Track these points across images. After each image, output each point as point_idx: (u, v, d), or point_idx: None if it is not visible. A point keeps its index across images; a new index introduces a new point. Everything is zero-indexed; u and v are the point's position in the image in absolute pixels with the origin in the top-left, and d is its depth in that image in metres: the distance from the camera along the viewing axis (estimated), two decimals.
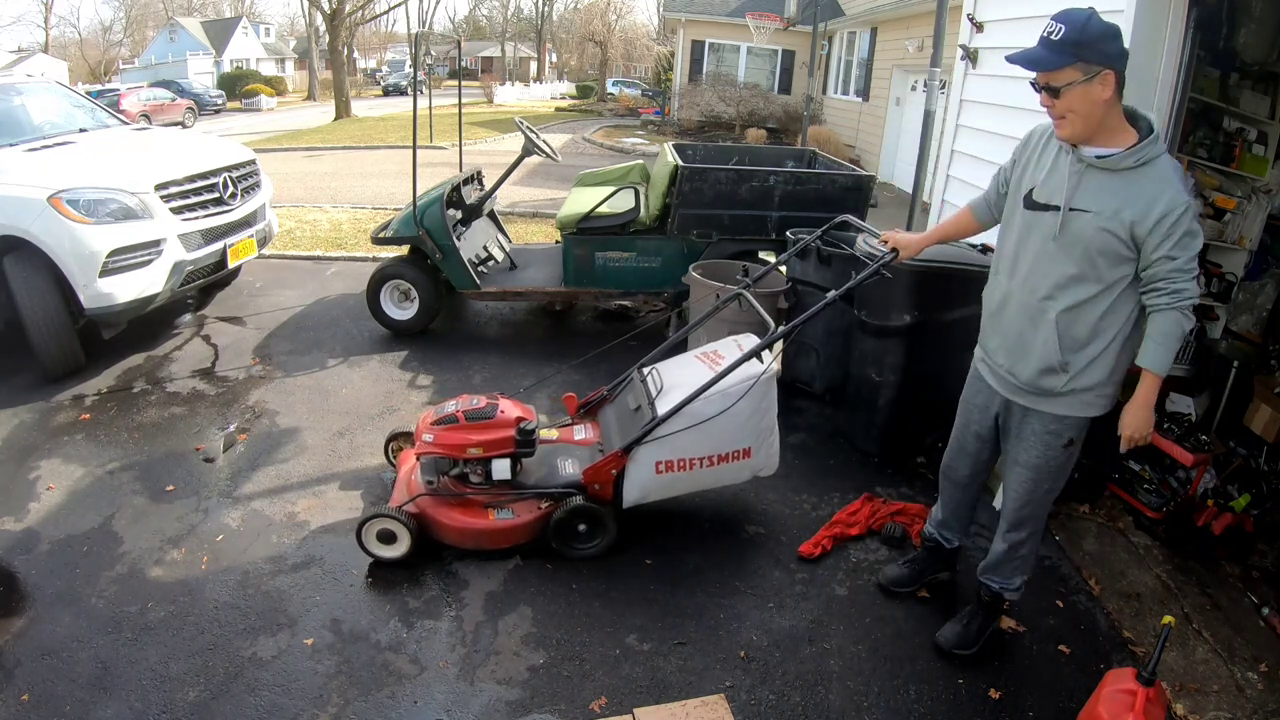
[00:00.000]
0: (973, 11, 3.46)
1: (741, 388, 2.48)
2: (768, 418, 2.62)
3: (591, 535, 2.60)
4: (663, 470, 2.56)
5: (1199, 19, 2.38)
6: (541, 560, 2.60)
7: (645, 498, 2.61)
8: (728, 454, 2.58)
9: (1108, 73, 1.71)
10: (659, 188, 4.37)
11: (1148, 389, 1.85)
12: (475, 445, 2.55)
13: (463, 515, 2.56)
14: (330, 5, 21.73)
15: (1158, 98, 2.45)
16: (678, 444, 2.52)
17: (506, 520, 2.56)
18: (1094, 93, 1.72)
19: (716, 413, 2.48)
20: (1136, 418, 1.86)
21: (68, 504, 2.84)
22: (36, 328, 3.63)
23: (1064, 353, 1.92)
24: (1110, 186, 1.79)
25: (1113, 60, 1.71)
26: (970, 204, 2.28)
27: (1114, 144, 1.80)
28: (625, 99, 26.98)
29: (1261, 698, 2.22)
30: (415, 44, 5.66)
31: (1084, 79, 1.71)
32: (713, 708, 2.04)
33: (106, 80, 35.60)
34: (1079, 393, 1.95)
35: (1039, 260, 1.92)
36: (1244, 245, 3.41)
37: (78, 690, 2.03)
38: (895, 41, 12.70)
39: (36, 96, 4.71)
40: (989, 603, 2.30)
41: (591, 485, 2.58)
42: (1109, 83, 1.72)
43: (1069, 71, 1.72)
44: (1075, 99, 1.74)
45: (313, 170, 11.28)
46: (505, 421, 2.58)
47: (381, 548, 2.54)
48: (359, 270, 5.65)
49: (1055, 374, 1.95)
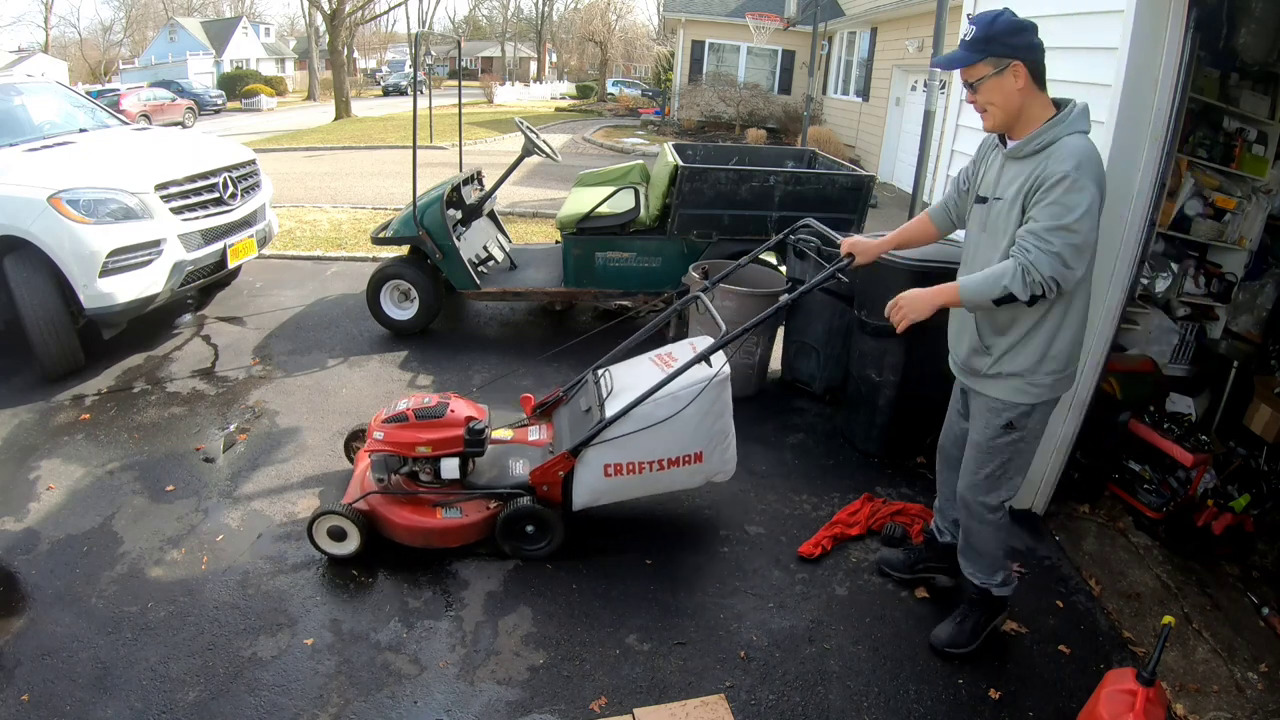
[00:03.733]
0: (973, 11, 3.46)
1: (691, 391, 2.43)
2: (720, 422, 2.55)
3: (539, 536, 2.58)
4: (612, 473, 2.51)
5: (1199, 19, 2.38)
6: (541, 560, 2.60)
7: (595, 501, 2.57)
8: (679, 458, 2.53)
9: (1017, 64, 1.83)
10: (659, 188, 4.37)
11: (941, 290, 1.95)
12: (424, 444, 2.54)
13: (412, 513, 2.56)
14: (330, 5, 21.72)
15: (1158, 98, 2.44)
16: (627, 447, 2.48)
17: (454, 519, 2.56)
18: (1006, 84, 1.85)
19: (666, 416, 2.43)
20: (913, 295, 1.98)
21: (68, 504, 2.84)
22: (36, 328, 3.63)
23: (984, 336, 2.06)
24: (1019, 172, 1.91)
25: (1019, 52, 1.83)
26: (929, 210, 2.38)
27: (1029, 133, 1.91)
28: (625, 99, 26.98)
29: (1261, 698, 2.22)
30: (415, 44, 5.66)
31: (995, 72, 1.85)
32: (713, 708, 2.04)
33: (106, 80, 35.62)
34: (1007, 377, 2.04)
35: (975, 249, 2.09)
36: (1244, 245, 3.41)
37: (78, 690, 2.03)
38: (895, 41, 12.69)
39: (36, 96, 4.71)
40: (976, 599, 2.31)
41: (540, 486, 2.57)
42: (1020, 73, 1.84)
43: (981, 67, 1.86)
44: (990, 91, 1.88)
45: (313, 170, 11.28)
46: (454, 421, 2.57)
47: (332, 544, 2.54)
48: (359, 270, 5.65)
49: (980, 355, 2.08)
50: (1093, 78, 2.58)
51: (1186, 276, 3.46)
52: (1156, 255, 3.37)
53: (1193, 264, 3.49)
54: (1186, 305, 3.49)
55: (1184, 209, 3.31)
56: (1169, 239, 3.37)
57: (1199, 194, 3.32)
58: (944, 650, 2.30)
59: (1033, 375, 2.01)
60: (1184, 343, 3.48)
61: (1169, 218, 3.26)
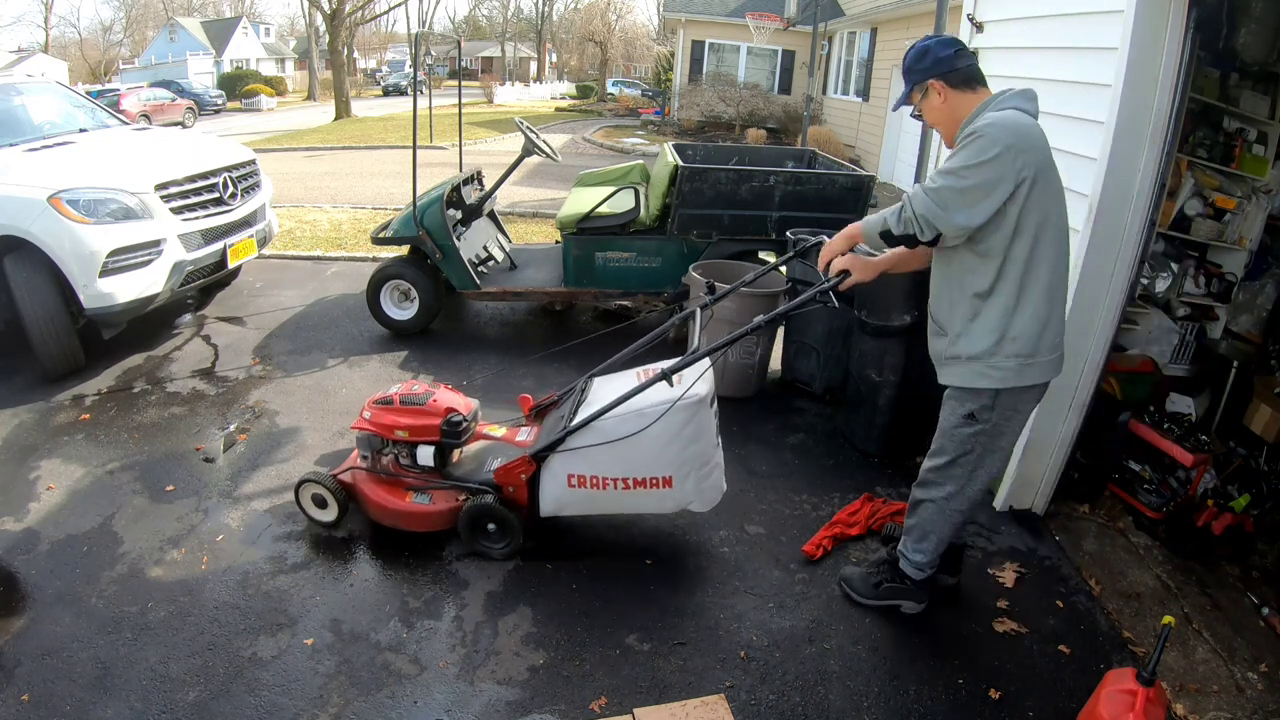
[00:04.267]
0: (973, 11, 3.46)
1: (655, 410, 2.32)
2: (694, 448, 2.39)
3: (500, 536, 2.58)
4: (575, 484, 2.47)
5: (1199, 19, 2.38)
6: (541, 560, 2.60)
7: (561, 509, 2.55)
8: (644, 479, 2.43)
9: (932, 82, 2.00)
10: (659, 188, 4.37)
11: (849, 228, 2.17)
12: (402, 428, 2.64)
13: (384, 493, 2.64)
14: (330, 5, 21.72)
15: (1158, 98, 2.44)
16: (588, 459, 2.42)
17: (422, 505, 2.61)
18: (932, 102, 2.03)
19: (629, 433, 2.35)
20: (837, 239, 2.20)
21: (68, 504, 2.84)
22: (36, 328, 3.63)
23: (937, 317, 2.16)
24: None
25: (929, 73, 2.00)
26: None
27: None
28: (625, 99, 26.97)
29: (1261, 698, 2.22)
30: (415, 44, 5.66)
31: (922, 97, 2.04)
32: (713, 708, 2.04)
33: (106, 80, 35.61)
34: (966, 360, 2.07)
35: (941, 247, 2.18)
36: (1244, 245, 3.41)
37: (78, 690, 2.03)
38: (895, 41, 12.69)
39: (36, 96, 4.71)
40: (892, 561, 2.44)
41: (506, 486, 2.57)
42: (937, 88, 2.00)
43: (914, 95, 2.05)
44: (929, 113, 2.07)
45: (313, 170, 11.28)
46: (434, 410, 2.65)
47: (315, 510, 2.71)
48: (359, 270, 5.65)
49: (938, 337, 2.17)
50: (1093, 78, 2.58)
51: (1186, 276, 3.46)
52: (1156, 255, 3.37)
53: (1193, 264, 3.49)
54: (1186, 305, 3.49)
55: (1184, 209, 3.31)
56: (1169, 239, 3.37)
57: (1199, 194, 3.32)
58: (842, 585, 2.53)
59: (992, 358, 2.00)
60: (1184, 343, 3.48)
61: (1169, 218, 3.26)
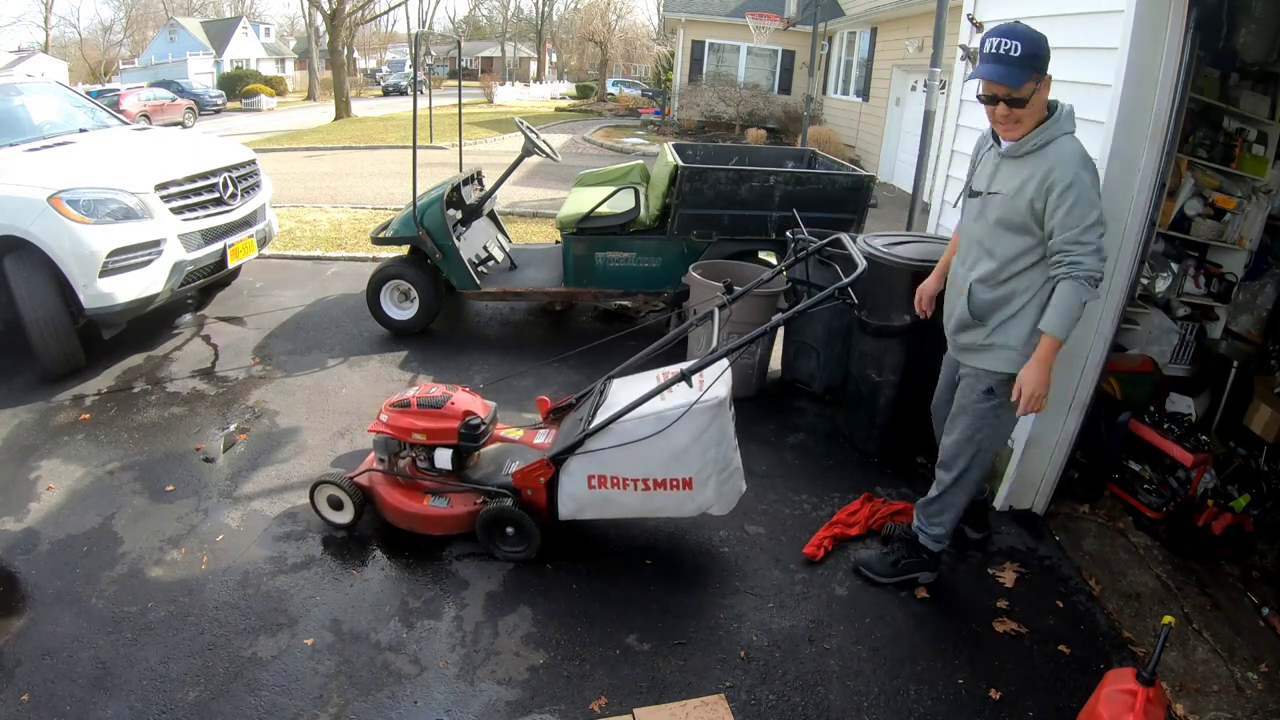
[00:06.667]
0: (973, 11, 3.46)
1: (675, 412, 2.33)
2: (714, 451, 2.40)
3: (518, 540, 2.57)
4: (595, 485, 2.46)
5: (1199, 19, 2.38)
6: (541, 560, 2.59)
7: (580, 512, 2.53)
8: (664, 481, 2.42)
9: (1049, 77, 2.00)
10: (659, 188, 4.37)
11: (1045, 349, 2.07)
12: (420, 431, 2.63)
13: (402, 496, 2.63)
14: (330, 5, 21.71)
15: (1158, 98, 2.44)
16: (608, 461, 2.42)
17: (440, 509, 2.60)
18: (1041, 95, 2.02)
19: (648, 434, 2.34)
20: (1031, 372, 2.08)
21: (68, 504, 2.84)
22: (36, 328, 3.63)
23: (977, 313, 2.23)
24: (1018, 170, 2.10)
25: (1045, 66, 1.99)
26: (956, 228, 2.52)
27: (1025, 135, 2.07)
28: (625, 99, 26.97)
29: (1261, 698, 2.22)
30: (415, 44, 5.66)
31: (1038, 87, 2.00)
32: (713, 708, 2.04)
33: (106, 80, 35.60)
34: (999, 349, 2.22)
35: (968, 238, 2.30)
36: (1244, 245, 3.41)
37: (78, 690, 2.03)
38: (895, 41, 12.69)
39: (36, 96, 4.71)
40: (909, 540, 2.54)
41: (524, 490, 2.55)
42: (1048, 85, 2.02)
43: (1029, 85, 1.98)
44: (1033, 105, 2.01)
45: (313, 170, 11.28)
46: (452, 413, 2.63)
47: (331, 512, 2.70)
48: (359, 270, 5.65)
49: (971, 330, 2.27)
50: (1093, 78, 2.58)
51: (1186, 276, 3.46)
52: (1156, 255, 3.37)
53: (1193, 264, 3.49)
54: (1186, 305, 3.49)
55: (1184, 209, 3.31)
56: (1169, 239, 3.38)
57: (1199, 194, 3.32)
58: (859, 569, 2.60)
59: (1025, 347, 2.16)
60: (1184, 343, 3.48)
61: (1169, 218, 3.26)
